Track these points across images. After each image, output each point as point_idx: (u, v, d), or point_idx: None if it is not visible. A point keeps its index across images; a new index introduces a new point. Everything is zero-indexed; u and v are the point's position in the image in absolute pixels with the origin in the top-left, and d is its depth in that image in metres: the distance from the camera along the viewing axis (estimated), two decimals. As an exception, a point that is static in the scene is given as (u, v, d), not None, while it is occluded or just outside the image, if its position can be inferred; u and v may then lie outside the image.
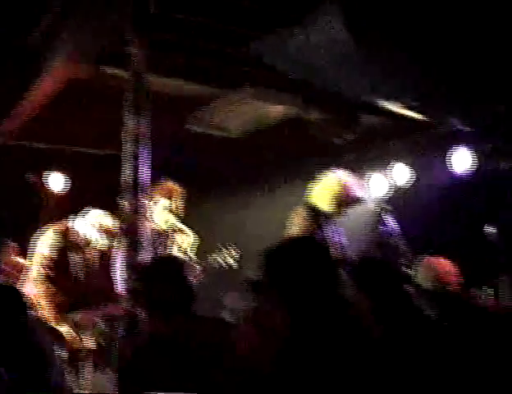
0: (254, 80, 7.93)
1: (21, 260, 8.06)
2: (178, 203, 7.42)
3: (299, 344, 2.81)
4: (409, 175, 9.63)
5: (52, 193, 9.35)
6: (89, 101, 7.78)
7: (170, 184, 7.48)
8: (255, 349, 3.37)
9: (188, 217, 7.74)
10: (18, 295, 3.97)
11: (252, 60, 7.09)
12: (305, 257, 2.94)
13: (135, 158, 5.24)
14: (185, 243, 7.48)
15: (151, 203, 7.15)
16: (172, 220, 7.42)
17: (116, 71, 6.70)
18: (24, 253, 7.66)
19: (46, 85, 7.09)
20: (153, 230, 6.97)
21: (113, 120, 5.69)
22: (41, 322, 6.53)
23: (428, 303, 4.67)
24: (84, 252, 6.95)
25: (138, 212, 5.20)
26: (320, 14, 6.08)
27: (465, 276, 5.21)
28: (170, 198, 7.37)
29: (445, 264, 4.82)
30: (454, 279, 4.73)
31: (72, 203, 7.12)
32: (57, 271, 6.77)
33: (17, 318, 3.71)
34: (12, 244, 8.28)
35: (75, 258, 6.91)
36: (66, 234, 6.90)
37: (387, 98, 7.91)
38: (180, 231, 7.57)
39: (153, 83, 7.60)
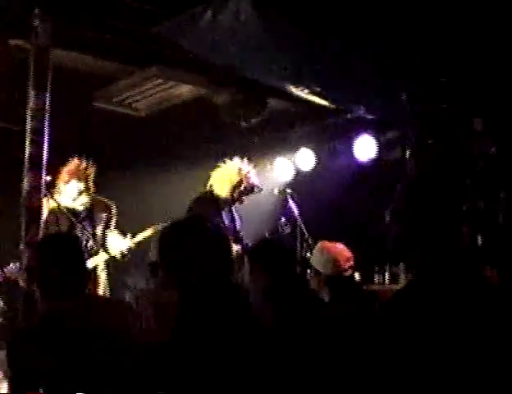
0: (162, 60, 7.91)
1: None
2: (90, 182, 7.23)
3: (185, 323, 2.85)
4: (313, 160, 9.74)
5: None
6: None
7: (81, 163, 7.25)
8: (150, 327, 3.41)
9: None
10: None
11: (160, 39, 7.05)
12: (194, 238, 2.99)
13: (36, 134, 5.16)
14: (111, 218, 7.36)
15: (61, 183, 7.02)
16: (86, 199, 7.20)
17: (20, 42, 6.57)
18: None
19: None
20: (52, 209, 6.87)
21: (16, 93, 5.60)
22: None
23: (323, 286, 4.76)
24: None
25: (39, 189, 5.14)
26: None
27: (360, 261, 5.35)
28: (82, 178, 7.13)
29: (340, 249, 4.91)
30: (348, 264, 4.82)
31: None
32: None
33: None
34: None
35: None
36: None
37: (294, 83, 7.99)
38: (101, 203, 7.42)
39: (59, 57, 7.64)
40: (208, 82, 8.34)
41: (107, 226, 7.26)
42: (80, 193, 7.08)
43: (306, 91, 8.04)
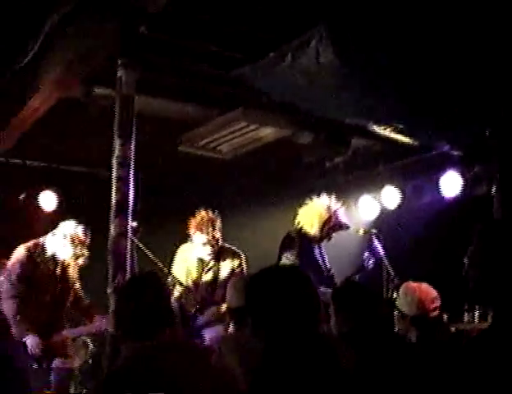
0: (245, 103, 8.02)
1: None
2: (216, 234, 7.33)
3: (270, 371, 2.85)
4: (398, 198, 9.67)
5: (42, 211, 9.38)
6: (79, 120, 7.82)
7: (206, 215, 7.37)
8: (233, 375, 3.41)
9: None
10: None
11: (242, 82, 7.16)
12: (284, 287, 2.98)
13: (121, 181, 5.28)
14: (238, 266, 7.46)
15: (191, 233, 7.33)
16: (210, 250, 7.34)
17: (106, 91, 6.75)
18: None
19: (36, 104, 7.14)
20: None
21: (103, 140, 5.74)
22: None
23: (409, 327, 4.71)
24: (53, 267, 7.00)
25: (125, 235, 5.25)
26: (308, 39, 6.15)
27: (449, 300, 5.27)
28: (206, 230, 7.27)
29: (425, 289, 4.86)
30: (434, 304, 4.76)
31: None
32: (27, 287, 6.83)
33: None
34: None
35: (44, 273, 6.95)
36: (35, 250, 6.95)
37: (376, 122, 7.99)
38: (229, 252, 7.52)
39: (144, 104, 7.82)
40: (290, 123, 8.39)
41: (232, 274, 7.26)
42: (204, 244, 7.25)
43: (389, 129, 8.03)
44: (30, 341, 6.61)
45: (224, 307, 6.38)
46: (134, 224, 5.84)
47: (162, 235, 8.85)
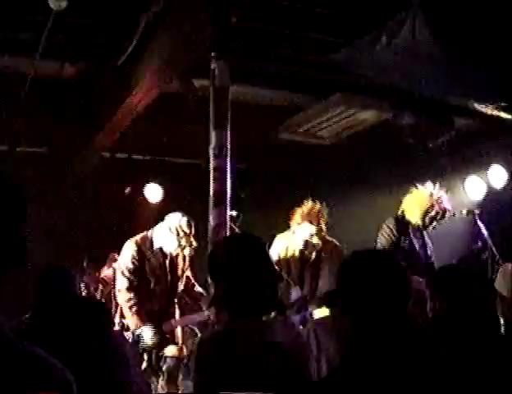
0: (343, 87, 7.97)
1: (107, 272, 8.32)
2: (323, 225, 7.16)
3: (355, 357, 2.84)
4: (505, 177, 9.43)
5: (148, 203, 9.55)
6: (179, 113, 7.93)
7: (315, 206, 7.22)
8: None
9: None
10: (103, 308, 4.10)
11: (339, 67, 7.11)
12: (373, 272, 2.96)
13: (219, 171, 5.33)
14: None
15: (294, 224, 7.19)
16: (317, 241, 7.13)
17: (204, 82, 6.81)
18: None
19: (137, 100, 7.28)
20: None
21: (203, 130, 5.80)
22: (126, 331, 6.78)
23: (507, 311, 4.60)
24: (162, 259, 7.11)
25: (224, 225, 5.30)
26: (402, 19, 6.06)
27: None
28: (315, 221, 7.10)
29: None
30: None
31: (166, 213, 7.21)
32: (139, 279, 6.98)
33: (102, 330, 3.83)
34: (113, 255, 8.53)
35: (154, 266, 7.07)
36: (143, 244, 7.08)
37: (479, 100, 7.81)
38: (330, 245, 7.34)
39: (244, 93, 7.88)
40: (390, 105, 8.28)
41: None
42: (312, 236, 7.10)
43: (491, 107, 7.83)
44: (146, 332, 6.75)
45: None
46: (234, 213, 5.88)
47: (263, 224, 8.86)
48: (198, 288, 7.36)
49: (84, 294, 8.23)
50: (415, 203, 7.32)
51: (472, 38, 6.38)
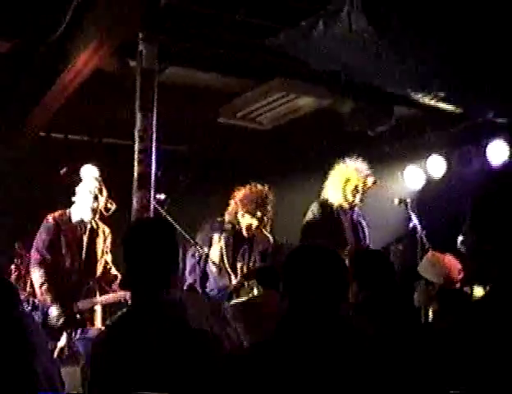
0: (282, 72, 7.90)
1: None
2: (267, 208, 7.12)
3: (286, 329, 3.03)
4: (444, 167, 9.48)
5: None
6: (116, 93, 7.79)
7: (258, 188, 7.20)
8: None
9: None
10: (10, 288, 4.00)
11: (278, 52, 7.05)
12: (312, 265, 3.15)
13: (143, 154, 5.25)
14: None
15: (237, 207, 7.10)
16: (253, 223, 7.11)
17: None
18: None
19: (70, 77, 7.13)
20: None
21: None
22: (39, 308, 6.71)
23: (432, 298, 4.61)
24: (80, 234, 7.05)
25: (147, 208, 5.23)
26: (339, 6, 6.00)
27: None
28: (259, 205, 7.07)
29: (452, 260, 4.75)
30: (460, 276, 4.65)
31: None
32: (53, 255, 6.93)
33: (9, 311, 3.73)
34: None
35: (71, 241, 7.00)
36: (61, 219, 7.05)
37: (417, 90, 7.80)
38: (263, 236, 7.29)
39: (181, 75, 7.78)
40: (329, 92, 8.24)
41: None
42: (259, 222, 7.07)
43: (429, 97, 7.83)
44: (53, 311, 6.68)
45: None
46: (162, 196, 5.81)
47: (198, 208, 8.79)
48: (113, 271, 7.26)
49: (14, 276, 8.10)
50: (335, 179, 7.27)
51: (409, 27, 6.36)
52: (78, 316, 6.86)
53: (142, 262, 3.39)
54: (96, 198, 7.02)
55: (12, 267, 8.21)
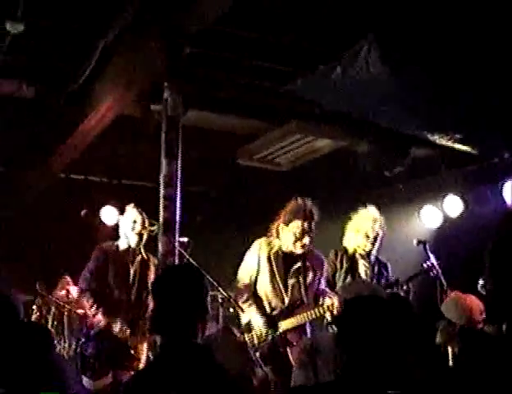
0: (299, 115, 8.03)
1: (60, 294, 8.31)
2: (313, 225, 6.73)
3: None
4: (461, 206, 9.52)
5: (103, 226, 9.47)
6: (136, 136, 7.96)
7: (303, 202, 6.87)
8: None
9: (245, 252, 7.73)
10: (46, 333, 4.10)
11: (296, 95, 7.19)
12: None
13: (169, 200, 5.35)
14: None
15: (281, 225, 6.73)
16: (308, 241, 6.69)
17: (159, 108, 6.84)
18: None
19: (92, 123, 7.29)
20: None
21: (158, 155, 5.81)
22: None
23: (453, 338, 4.65)
24: (128, 264, 7.04)
25: (172, 252, 5.31)
26: (357, 50, 6.13)
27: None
28: (307, 218, 6.71)
29: (474, 300, 4.79)
30: (483, 316, 4.69)
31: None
32: (100, 283, 6.94)
33: (45, 355, 3.82)
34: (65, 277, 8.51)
35: (118, 269, 7.00)
36: (109, 248, 7.11)
37: (433, 132, 7.90)
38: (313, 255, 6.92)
39: (201, 118, 7.92)
40: (345, 134, 8.36)
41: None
42: (303, 234, 6.66)
43: (446, 138, 7.92)
44: (117, 326, 6.76)
45: None
46: (185, 239, 5.88)
47: (219, 250, 8.88)
48: None
49: (35, 316, 8.19)
50: (348, 226, 7.30)
51: (424, 71, 6.48)
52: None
53: (170, 307, 3.48)
54: (135, 221, 7.08)
55: (34, 307, 8.34)
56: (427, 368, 3.85)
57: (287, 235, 6.69)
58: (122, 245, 7.12)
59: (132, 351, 6.86)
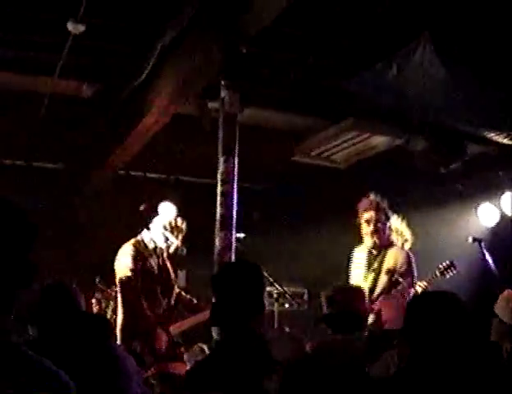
0: (356, 112, 8.07)
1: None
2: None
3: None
4: (518, 205, 9.45)
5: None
6: (194, 133, 8.07)
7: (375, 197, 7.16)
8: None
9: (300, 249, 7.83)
10: (105, 322, 4.23)
11: (352, 93, 7.23)
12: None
13: (225, 196, 5.44)
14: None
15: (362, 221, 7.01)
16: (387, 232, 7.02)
17: (216, 105, 6.93)
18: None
19: (152, 120, 7.41)
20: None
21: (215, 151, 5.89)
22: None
23: (505, 335, 4.63)
24: (157, 260, 6.98)
25: (229, 248, 5.40)
26: (413, 48, 6.17)
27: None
28: (381, 210, 7.01)
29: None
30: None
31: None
32: (136, 277, 6.75)
33: (104, 341, 3.94)
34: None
35: (152, 267, 6.92)
36: (139, 245, 6.93)
37: (490, 129, 7.88)
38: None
39: (258, 116, 8.01)
40: (402, 131, 8.36)
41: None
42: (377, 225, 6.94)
43: (503, 136, 7.90)
44: (160, 335, 6.68)
45: None
46: (241, 235, 5.96)
47: (275, 246, 8.94)
48: (187, 296, 7.33)
49: (95, 310, 8.36)
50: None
51: (482, 67, 6.49)
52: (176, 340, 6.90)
53: (229, 302, 3.58)
54: (167, 238, 6.98)
55: (93, 301, 8.51)
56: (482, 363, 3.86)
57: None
58: (149, 243, 6.99)
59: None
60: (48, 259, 8.91)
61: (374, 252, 6.99)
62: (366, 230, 6.97)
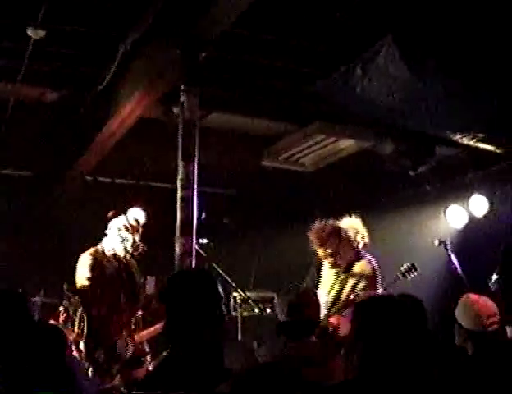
0: (322, 116, 8.06)
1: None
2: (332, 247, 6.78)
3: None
4: (486, 206, 9.47)
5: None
6: (161, 138, 8.02)
7: (321, 228, 6.82)
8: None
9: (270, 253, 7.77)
10: (61, 335, 4.14)
11: (318, 96, 7.22)
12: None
13: (185, 202, 5.41)
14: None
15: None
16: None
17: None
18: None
19: (115, 126, 7.37)
20: None
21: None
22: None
23: (466, 340, 4.61)
24: (118, 266, 6.81)
25: (189, 253, 5.36)
26: (376, 51, 6.16)
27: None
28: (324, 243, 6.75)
29: (484, 303, 4.72)
30: (491, 320, 4.62)
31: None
32: (96, 287, 6.64)
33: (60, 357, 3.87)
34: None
35: (113, 274, 6.77)
36: (97, 252, 6.80)
37: (457, 131, 7.88)
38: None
39: (225, 120, 7.98)
40: (369, 134, 8.37)
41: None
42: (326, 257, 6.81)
43: (469, 138, 7.90)
44: (119, 344, 6.58)
45: None
46: (205, 240, 5.91)
47: (244, 251, 8.91)
48: (155, 304, 7.21)
49: (62, 318, 8.26)
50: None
51: (449, 69, 6.48)
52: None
53: (182, 312, 3.45)
54: (123, 239, 6.79)
55: (61, 308, 8.42)
56: (445, 368, 3.85)
57: None
58: (108, 250, 6.83)
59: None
60: (16, 267, 8.91)
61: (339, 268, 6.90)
62: (321, 254, 6.87)
